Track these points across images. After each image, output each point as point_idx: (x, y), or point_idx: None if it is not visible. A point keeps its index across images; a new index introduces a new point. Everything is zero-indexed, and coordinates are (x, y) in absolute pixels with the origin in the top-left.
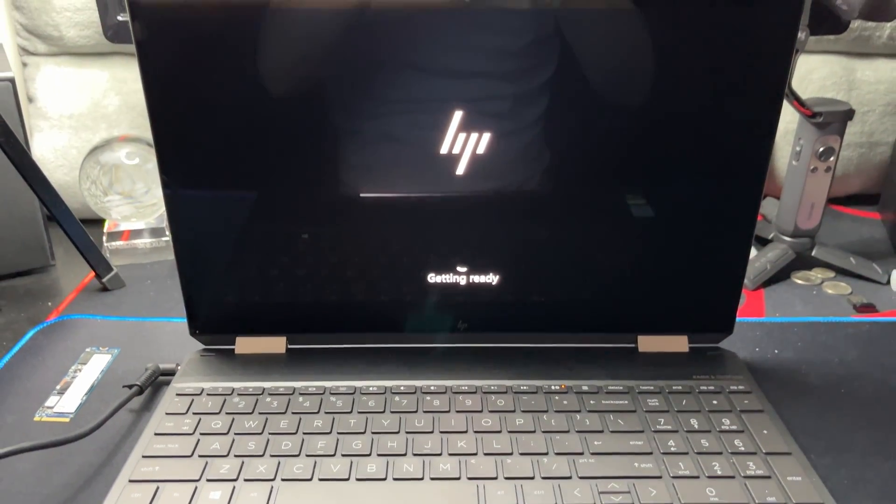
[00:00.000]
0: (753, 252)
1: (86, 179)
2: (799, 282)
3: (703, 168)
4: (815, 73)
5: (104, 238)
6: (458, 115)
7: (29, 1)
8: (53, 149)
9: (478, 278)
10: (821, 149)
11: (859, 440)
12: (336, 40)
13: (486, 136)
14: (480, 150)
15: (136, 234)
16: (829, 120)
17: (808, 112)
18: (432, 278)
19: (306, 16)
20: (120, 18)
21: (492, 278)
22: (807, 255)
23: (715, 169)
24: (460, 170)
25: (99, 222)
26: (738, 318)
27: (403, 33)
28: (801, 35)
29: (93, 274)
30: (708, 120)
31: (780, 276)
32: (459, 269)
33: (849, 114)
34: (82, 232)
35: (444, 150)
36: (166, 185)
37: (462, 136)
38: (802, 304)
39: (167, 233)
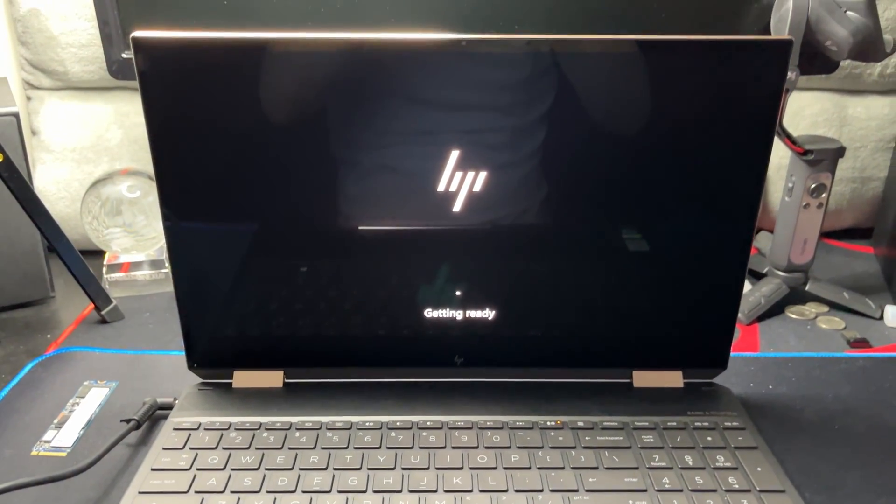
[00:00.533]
0: (748, 286)
1: (87, 212)
2: (793, 316)
3: (697, 204)
4: (807, 109)
5: (104, 270)
6: (455, 148)
7: (35, 36)
8: (56, 181)
9: (474, 313)
10: (812, 185)
11: (853, 478)
12: (334, 75)
13: (483, 169)
14: (477, 182)
15: (136, 266)
16: (821, 157)
17: (799, 150)
18: (429, 313)
19: (305, 52)
20: (124, 56)
21: (488, 313)
22: (800, 289)
23: (708, 205)
24: (457, 203)
25: (99, 254)
26: (732, 353)
27: (401, 68)
28: (791, 75)
29: (92, 306)
30: (701, 157)
31: (774, 310)
32: (456, 303)
33: (839, 151)
34: (82, 264)
35: (441, 183)
36: (166, 218)
37: (459, 169)
38: (797, 339)
39: (167, 265)
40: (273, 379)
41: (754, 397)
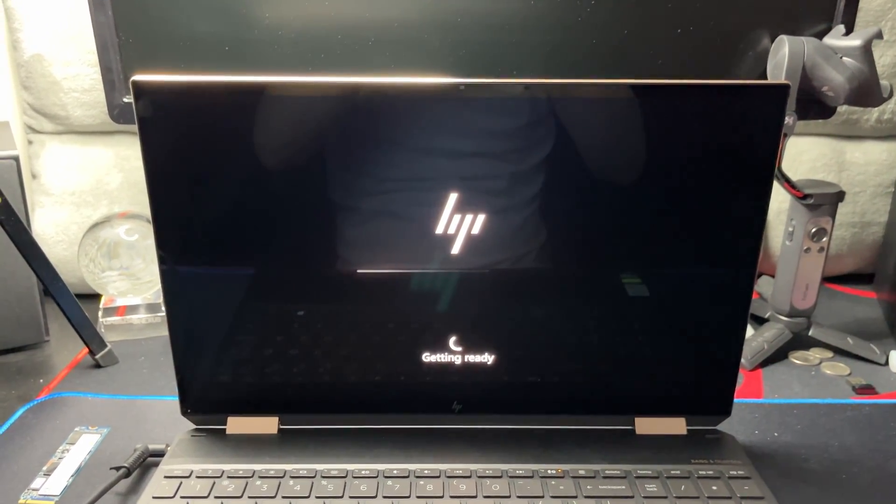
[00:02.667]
0: (750, 331)
1: (84, 255)
2: (797, 362)
3: (698, 249)
4: (805, 154)
5: (100, 313)
6: (453, 192)
7: (37, 81)
8: (54, 224)
9: (473, 358)
10: (813, 230)
11: None
12: (333, 119)
13: (482, 215)
14: (476, 227)
15: (132, 309)
16: (820, 202)
17: (799, 194)
18: (427, 358)
19: (304, 95)
20: (125, 100)
21: (487, 358)
22: (804, 334)
23: (709, 250)
24: (456, 247)
25: (96, 298)
26: (736, 400)
27: (400, 114)
28: (789, 120)
29: (86, 350)
30: (700, 202)
31: (777, 356)
32: (454, 349)
33: (839, 195)
34: (77, 308)
35: (440, 227)
36: (162, 261)
37: (458, 214)
38: (801, 386)
39: (163, 309)
40: (267, 425)
41: (759, 445)
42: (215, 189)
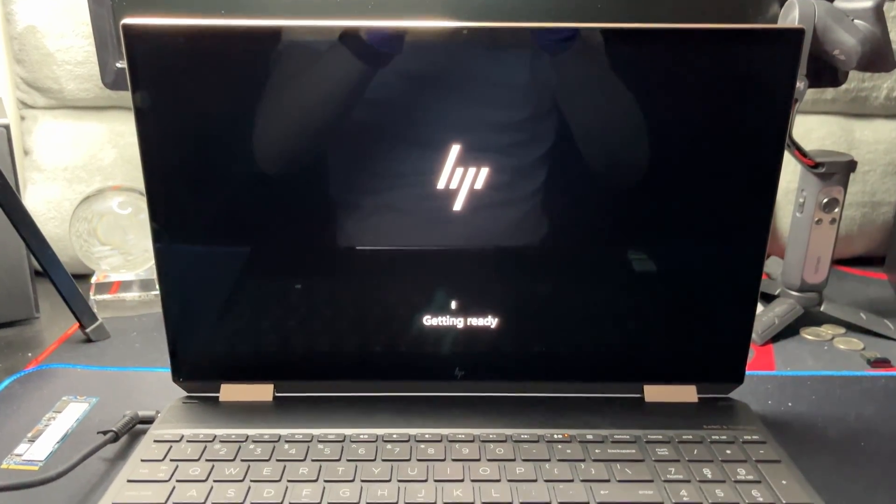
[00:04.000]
0: (760, 308)
1: (76, 228)
2: (809, 337)
3: (708, 212)
4: (814, 132)
5: (91, 290)
6: (456, 144)
7: (31, 54)
8: (46, 201)
9: (476, 322)
10: (825, 200)
11: (883, 499)
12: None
13: (485, 169)
14: (479, 183)
15: (126, 286)
16: (832, 171)
17: (810, 162)
18: (428, 321)
19: (304, 40)
20: (119, 65)
21: (490, 321)
22: (815, 310)
23: (720, 213)
24: (458, 204)
25: (87, 277)
26: (748, 372)
27: (402, 59)
28: (799, 85)
29: (77, 326)
30: (712, 161)
31: (788, 332)
32: (457, 313)
33: (851, 165)
34: (68, 279)
35: (441, 183)
36: (154, 220)
37: (460, 168)
38: (814, 360)
39: (157, 286)
40: (262, 392)
41: (773, 415)
42: (211, 160)
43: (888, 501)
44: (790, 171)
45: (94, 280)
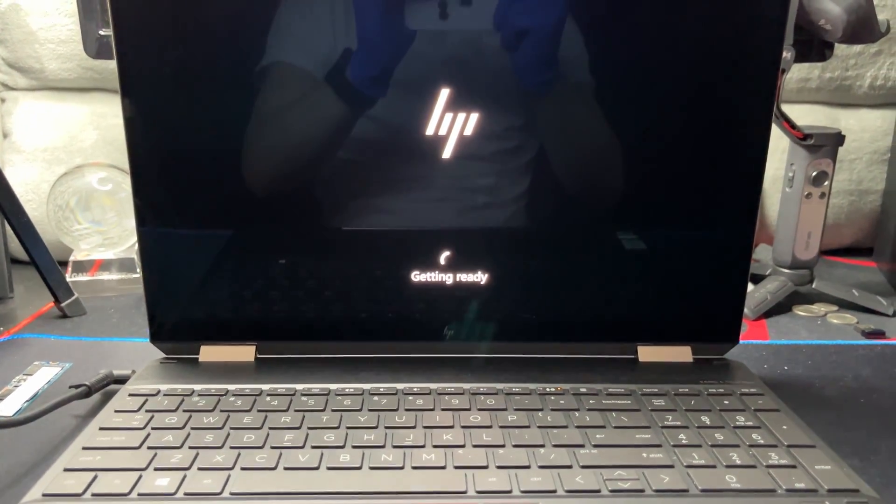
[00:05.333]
0: (751, 286)
1: (55, 204)
2: (802, 314)
3: (700, 170)
4: (799, 121)
5: (68, 270)
6: (445, 90)
7: (13, 32)
8: (24, 183)
9: (465, 278)
10: (814, 173)
11: (888, 445)
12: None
13: (475, 115)
14: (469, 129)
15: (105, 266)
16: (821, 143)
17: (799, 134)
18: (416, 277)
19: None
20: (102, 32)
21: (480, 277)
22: (807, 288)
23: (711, 169)
24: (447, 152)
25: (66, 265)
26: (742, 341)
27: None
28: (786, 54)
29: (52, 304)
30: (701, 117)
31: (780, 309)
32: (446, 269)
33: (839, 137)
34: (45, 252)
35: (430, 129)
36: (135, 175)
37: (449, 113)
38: (808, 332)
39: (137, 268)
40: (244, 353)
41: (770, 376)
42: (196, 132)
43: (892, 447)
44: (777, 159)
45: (72, 258)
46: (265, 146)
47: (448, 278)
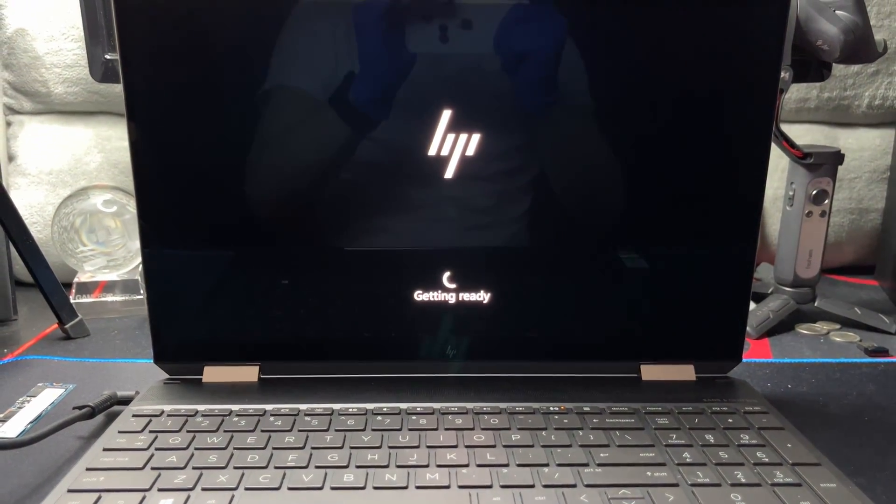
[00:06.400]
0: (753, 305)
1: (59, 226)
2: (804, 332)
3: (701, 188)
4: (798, 140)
5: (72, 292)
6: (447, 111)
7: (20, 57)
8: (29, 205)
9: (468, 297)
10: (814, 192)
11: (892, 463)
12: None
13: (476, 135)
14: (470, 150)
15: (109, 288)
16: (820, 161)
17: (798, 153)
18: (419, 296)
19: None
20: (108, 57)
21: (483, 296)
22: (809, 307)
23: (712, 187)
24: (449, 172)
25: (69, 287)
26: (745, 360)
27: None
28: (784, 75)
29: (55, 326)
30: (704, 145)
31: (783, 328)
32: (448, 289)
33: (839, 156)
34: (50, 274)
35: (433, 150)
36: (140, 192)
37: (451, 134)
38: (811, 351)
39: (141, 289)
40: (247, 374)
41: (774, 394)
42: (199, 153)
43: None
44: (777, 178)
45: (76, 280)
46: (269, 168)
47: (451, 297)
